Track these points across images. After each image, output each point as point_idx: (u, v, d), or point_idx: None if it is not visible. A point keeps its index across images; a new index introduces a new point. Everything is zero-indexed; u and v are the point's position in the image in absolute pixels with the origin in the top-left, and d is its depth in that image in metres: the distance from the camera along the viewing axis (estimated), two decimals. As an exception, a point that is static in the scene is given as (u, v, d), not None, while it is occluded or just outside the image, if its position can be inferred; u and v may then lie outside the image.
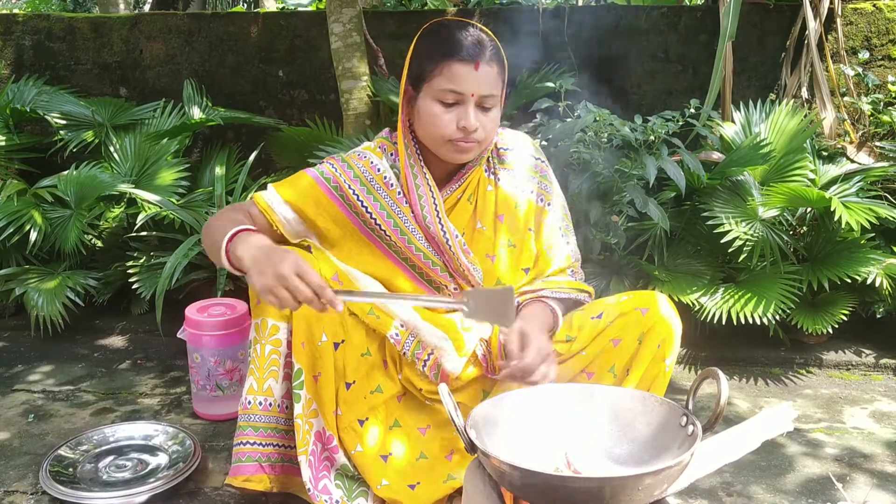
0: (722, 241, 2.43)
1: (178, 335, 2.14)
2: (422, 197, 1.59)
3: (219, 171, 3.05)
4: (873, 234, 2.54)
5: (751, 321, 2.34)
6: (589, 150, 2.40)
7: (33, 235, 2.73)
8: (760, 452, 1.60)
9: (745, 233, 2.42)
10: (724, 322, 2.37)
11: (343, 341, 1.54)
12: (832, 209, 2.33)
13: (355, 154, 1.64)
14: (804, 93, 2.94)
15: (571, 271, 1.68)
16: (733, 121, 2.78)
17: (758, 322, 2.34)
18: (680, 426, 1.20)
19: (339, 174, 1.59)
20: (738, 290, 2.44)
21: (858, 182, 2.59)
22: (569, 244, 1.70)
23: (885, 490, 1.80)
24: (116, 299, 2.91)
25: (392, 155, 1.63)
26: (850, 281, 2.42)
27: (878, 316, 2.54)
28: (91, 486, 1.74)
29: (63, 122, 3.06)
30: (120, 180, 2.93)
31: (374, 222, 1.59)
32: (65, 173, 2.95)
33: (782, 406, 1.37)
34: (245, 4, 7.82)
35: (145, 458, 1.88)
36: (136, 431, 1.99)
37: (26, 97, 3.11)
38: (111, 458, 1.88)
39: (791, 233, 2.62)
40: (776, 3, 2.97)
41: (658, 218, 2.38)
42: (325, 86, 3.21)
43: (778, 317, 2.36)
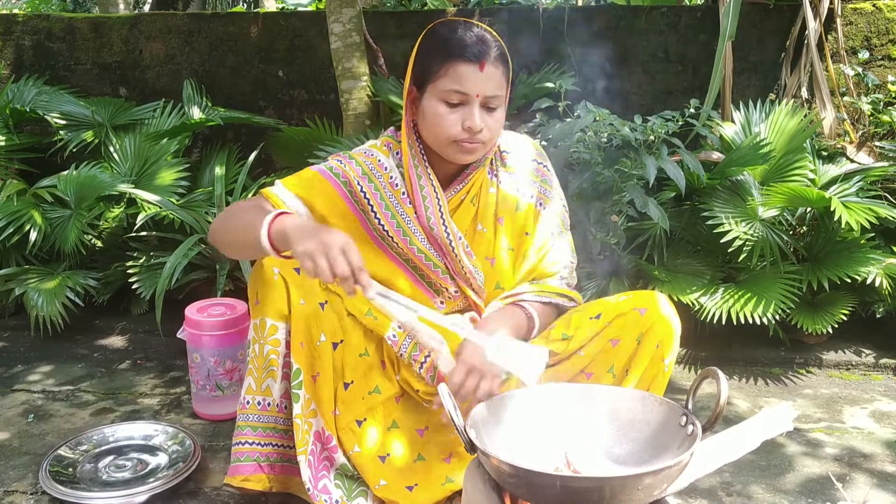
0: (722, 240, 2.43)
1: (177, 335, 2.14)
2: (426, 198, 1.58)
3: (218, 171, 3.05)
4: (873, 234, 2.54)
5: (751, 321, 2.34)
6: (589, 150, 2.40)
7: (33, 235, 2.73)
8: (760, 452, 1.60)
9: (744, 233, 2.42)
10: (723, 322, 2.37)
11: (342, 341, 1.54)
12: (832, 209, 2.33)
13: (361, 152, 1.63)
14: (804, 93, 2.94)
15: (561, 276, 1.66)
16: (733, 121, 2.78)
17: (758, 322, 2.34)
18: (679, 426, 1.20)
19: (348, 170, 1.58)
20: (737, 290, 2.44)
21: (858, 182, 2.59)
22: (563, 248, 1.68)
23: (884, 490, 1.80)
24: (116, 299, 2.91)
25: (398, 154, 1.62)
26: (849, 281, 2.42)
27: (878, 316, 2.54)
28: (91, 486, 1.74)
29: (63, 122, 3.06)
30: (120, 180, 2.93)
31: (378, 221, 1.59)
32: (65, 173, 2.95)
33: (782, 406, 1.37)
34: (245, 4, 7.81)
35: (145, 458, 1.88)
36: (136, 431, 1.99)
37: (26, 97, 3.10)
38: (111, 458, 1.88)
39: (791, 233, 2.62)
40: (776, 3, 2.97)
41: (658, 218, 2.38)
42: (325, 86, 3.21)
43: (778, 317, 2.36)
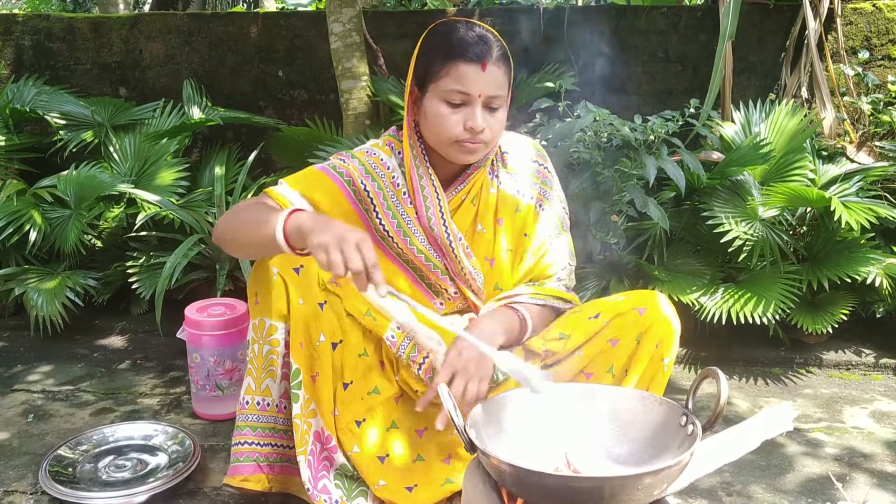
0: (722, 240, 2.42)
1: (177, 335, 2.14)
2: (427, 198, 1.58)
3: (218, 171, 3.05)
4: (873, 234, 2.54)
5: (751, 321, 2.34)
6: (589, 150, 2.40)
7: (33, 235, 2.73)
8: (760, 452, 1.60)
9: (744, 232, 2.42)
10: (723, 322, 2.37)
11: (341, 341, 1.54)
12: (832, 209, 2.33)
13: (364, 151, 1.62)
14: (804, 93, 2.94)
15: (558, 278, 1.66)
16: (733, 120, 2.78)
17: (758, 322, 2.34)
18: (679, 426, 1.20)
19: (352, 168, 1.58)
20: (737, 290, 2.44)
21: (858, 182, 2.59)
22: (561, 250, 1.67)
23: (884, 490, 1.80)
24: (116, 299, 2.91)
25: (399, 154, 1.62)
26: (849, 281, 2.42)
27: (878, 316, 2.54)
28: (91, 486, 1.74)
29: (63, 122, 3.06)
30: (119, 180, 2.93)
31: (379, 220, 1.58)
32: (64, 173, 2.95)
33: (782, 406, 1.37)
34: (245, 4, 7.81)
35: (145, 457, 1.88)
36: (136, 431, 1.99)
37: (26, 97, 3.10)
38: (111, 458, 1.88)
39: (791, 232, 2.61)
40: (776, 3, 2.97)
41: (658, 218, 2.38)
42: (325, 86, 3.21)
43: (778, 317, 2.35)
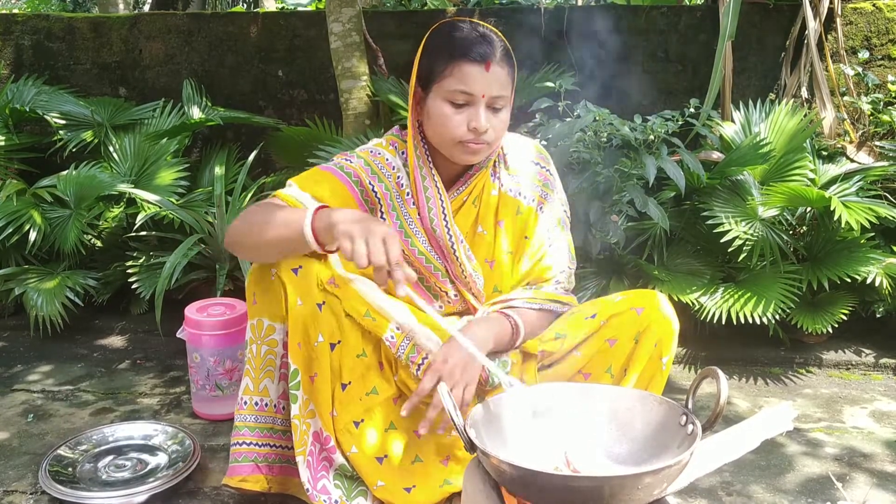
0: (722, 240, 2.42)
1: (177, 335, 2.14)
2: (429, 199, 1.58)
3: (218, 171, 3.05)
4: (873, 234, 2.54)
5: (750, 321, 2.34)
6: (589, 150, 2.40)
7: (33, 235, 2.72)
8: (760, 452, 1.60)
9: (744, 232, 2.42)
10: (723, 322, 2.37)
11: (339, 342, 1.53)
12: (832, 209, 2.33)
13: (368, 151, 1.62)
14: (804, 92, 2.94)
15: (557, 281, 1.66)
16: (733, 120, 2.78)
17: (757, 322, 2.34)
18: (679, 425, 1.20)
19: (358, 169, 1.57)
20: (737, 290, 2.44)
21: (858, 181, 2.59)
22: (561, 252, 1.67)
23: (884, 489, 1.80)
24: (116, 299, 2.91)
25: (403, 154, 1.61)
26: (849, 280, 2.42)
27: (878, 315, 2.54)
28: (90, 486, 1.74)
29: (62, 121, 3.06)
30: (119, 180, 2.93)
31: (383, 220, 1.57)
32: (64, 173, 2.95)
33: (782, 405, 1.37)
34: (245, 4, 7.81)
35: (145, 457, 1.88)
36: (136, 431, 1.98)
37: (26, 97, 3.10)
38: (111, 457, 1.88)
39: (791, 232, 2.61)
40: (776, 2, 2.97)
41: (658, 217, 2.38)
42: (325, 85, 3.21)
43: (778, 316, 2.35)
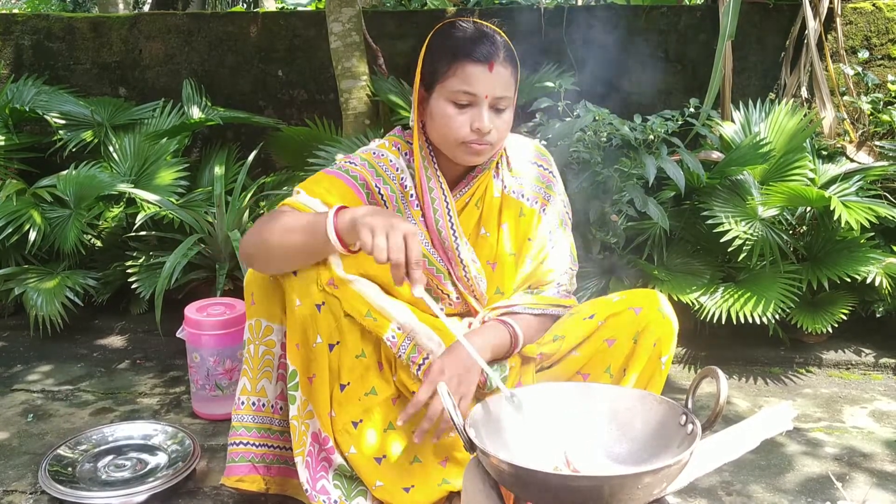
0: (721, 240, 2.42)
1: (177, 335, 2.14)
2: (434, 200, 1.56)
3: (218, 171, 3.05)
4: (873, 234, 2.53)
5: (750, 321, 2.34)
6: (588, 150, 2.40)
7: (32, 235, 2.72)
8: (760, 451, 1.60)
9: (744, 232, 2.42)
10: (723, 321, 2.37)
11: (338, 343, 1.52)
12: (832, 208, 2.33)
13: (370, 152, 1.60)
14: (804, 92, 2.94)
15: (558, 283, 1.65)
16: (733, 120, 2.78)
17: (757, 321, 2.34)
18: (679, 425, 1.20)
19: (364, 172, 1.56)
20: (737, 290, 2.44)
21: (858, 181, 2.59)
22: (562, 254, 1.66)
23: (884, 489, 1.80)
24: (115, 299, 2.91)
25: (406, 155, 1.60)
26: (849, 280, 2.42)
27: (878, 315, 2.54)
28: (90, 486, 1.74)
29: (62, 121, 3.06)
30: (119, 180, 2.93)
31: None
32: (64, 173, 2.95)
33: (782, 405, 1.37)
34: (245, 4, 7.81)
35: (144, 457, 1.88)
36: (136, 431, 1.99)
37: (25, 97, 3.10)
38: (110, 457, 1.88)
39: (791, 232, 2.61)
40: (776, 2, 2.97)
41: (657, 217, 2.38)
42: (325, 85, 3.21)
43: (777, 316, 2.35)
